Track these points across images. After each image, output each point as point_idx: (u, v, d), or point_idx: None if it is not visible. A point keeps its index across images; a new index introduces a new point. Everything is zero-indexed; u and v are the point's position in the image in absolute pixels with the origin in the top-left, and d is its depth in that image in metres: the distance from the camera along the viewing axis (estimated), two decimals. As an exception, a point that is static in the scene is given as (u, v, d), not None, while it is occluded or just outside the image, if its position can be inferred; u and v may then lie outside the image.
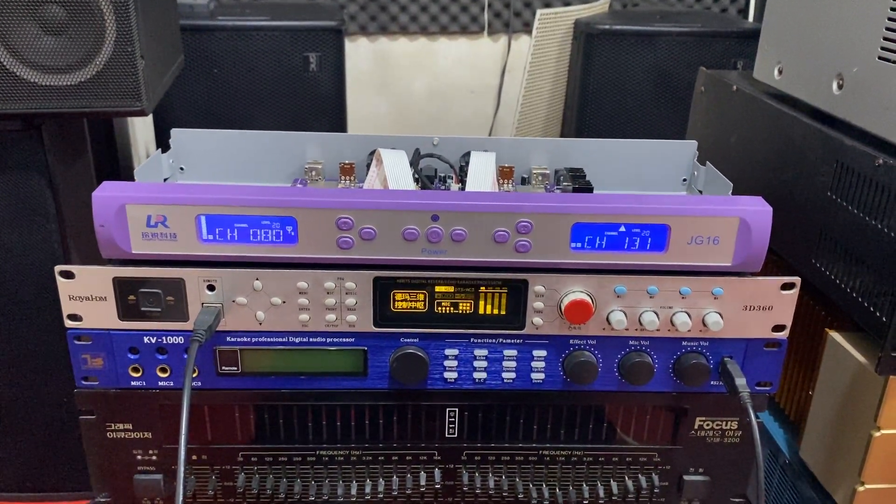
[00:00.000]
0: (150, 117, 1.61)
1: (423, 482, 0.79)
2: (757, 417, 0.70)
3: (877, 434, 0.76)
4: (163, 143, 1.55)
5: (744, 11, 2.08)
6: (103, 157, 1.39)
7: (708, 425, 0.78)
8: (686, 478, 0.80)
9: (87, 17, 0.88)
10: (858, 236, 0.76)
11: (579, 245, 0.70)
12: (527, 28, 2.00)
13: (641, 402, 0.78)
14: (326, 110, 1.59)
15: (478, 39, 2.04)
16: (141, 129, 1.76)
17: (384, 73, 2.03)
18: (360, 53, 2.00)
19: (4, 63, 0.88)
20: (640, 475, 0.80)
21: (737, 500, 0.82)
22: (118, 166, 1.44)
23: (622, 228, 0.69)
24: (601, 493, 0.80)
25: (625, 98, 1.65)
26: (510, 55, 2.02)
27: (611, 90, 1.65)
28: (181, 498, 0.62)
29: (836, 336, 0.82)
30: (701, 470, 0.80)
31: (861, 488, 0.78)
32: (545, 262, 0.71)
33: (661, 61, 1.62)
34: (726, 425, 0.78)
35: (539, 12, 1.69)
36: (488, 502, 0.81)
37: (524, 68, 1.74)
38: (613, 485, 0.80)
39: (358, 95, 2.00)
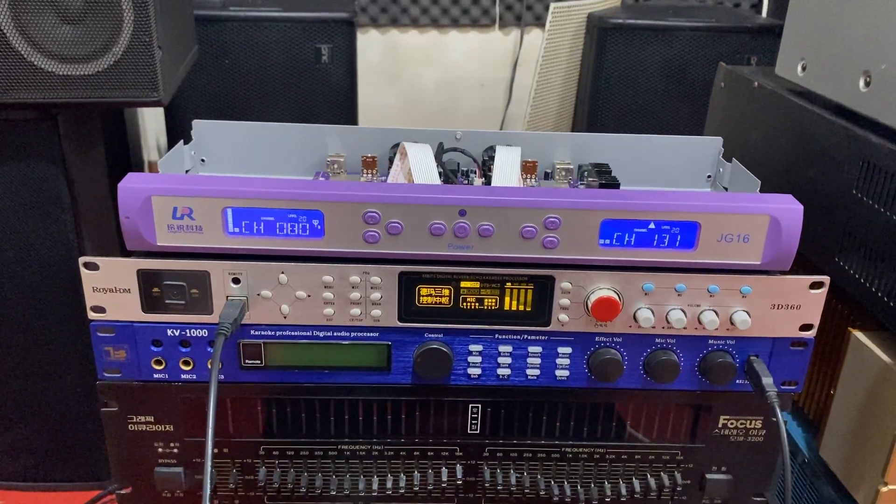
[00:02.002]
0: (161, 109, 1.60)
1: (444, 478, 0.79)
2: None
3: (901, 434, 0.75)
4: (173, 134, 1.54)
5: (757, 7, 2.07)
6: (114, 148, 1.38)
7: (732, 424, 0.78)
8: (708, 476, 0.80)
9: (105, 7, 0.87)
10: (884, 234, 0.75)
11: (608, 242, 0.69)
12: (538, 21, 1.99)
13: (666, 401, 0.77)
14: (337, 102, 1.58)
15: (489, 32, 2.03)
16: (151, 121, 1.76)
17: (394, 66, 2.02)
18: (370, 45, 1.99)
19: (22, 52, 0.87)
20: (662, 473, 0.80)
21: (758, 499, 0.82)
22: (129, 158, 1.43)
23: (651, 225, 0.69)
24: (623, 491, 0.80)
25: (637, 93, 1.64)
26: (522, 49, 2.01)
27: (623, 85, 1.64)
28: (208, 492, 0.61)
29: (859, 335, 0.82)
30: (723, 469, 0.80)
31: (884, 489, 0.78)
32: (573, 258, 0.70)
33: (675, 56, 1.62)
34: (750, 424, 0.78)
35: (552, 6, 1.68)
36: (510, 499, 0.81)
37: (536, 62, 1.73)
38: (635, 482, 0.80)
39: (368, 87, 1.99)
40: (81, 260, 0.69)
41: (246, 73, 1.53)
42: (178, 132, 0.86)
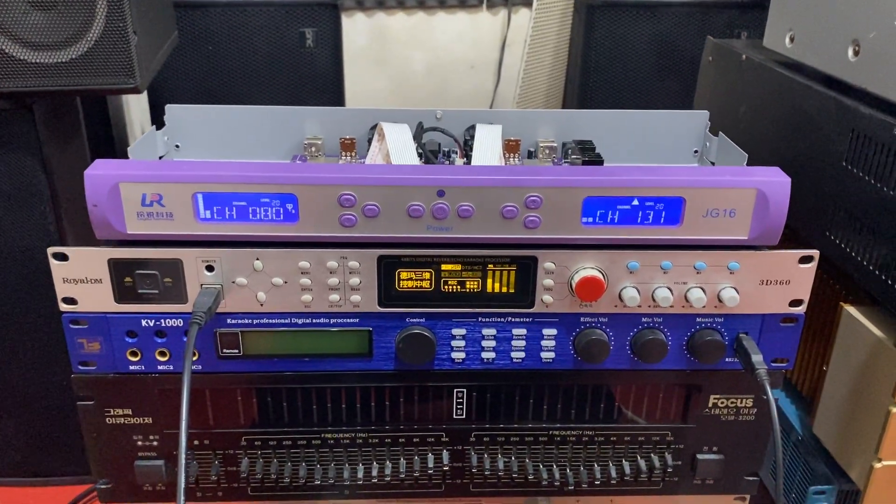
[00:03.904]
0: (146, 96, 1.58)
1: (430, 464, 0.77)
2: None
3: (895, 409, 0.74)
4: (158, 123, 1.52)
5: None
6: (98, 137, 1.36)
7: (722, 403, 0.76)
8: (700, 457, 0.78)
9: (78, -9, 0.85)
10: (875, 207, 0.74)
11: (591, 220, 0.68)
12: (526, 1, 1.96)
13: (654, 381, 0.76)
14: (324, 87, 1.56)
15: (477, 14, 2.00)
16: (136, 109, 1.73)
17: (382, 49, 1.99)
18: (357, 29, 1.96)
19: (-7, 40, 0.85)
20: (652, 455, 0.79)
21: (750, 478, 0.80)
22: (114, 146, 1.42)
23: (635, 202, 0.67)
24: (613, 474, 0.79)
25: (627, 70, 1.62)
26: (510, 29, 1.98)
27: (613, 62, 1.62)
28: (182, 484, 0.60)
29: (851, 310, 0.80)
30: (715, 448, 0.78)
31: (878, 465, 0.77)
32: (555, 237, 0.68)
33: (664, 33, 1.59)
34: (741, 403, 0.76)
35: (540, -16, 1.65)
36: (497, 484, 0.79)
37: (525, 42, 1.71)
38: (625, 465, 0.79)
39: (356, 71, 1.97)
40: (50, 250, 0.67)
41: (230, 60, 1.51)
42: (162, 121, 0.84)
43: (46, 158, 0.97)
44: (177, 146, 0.87)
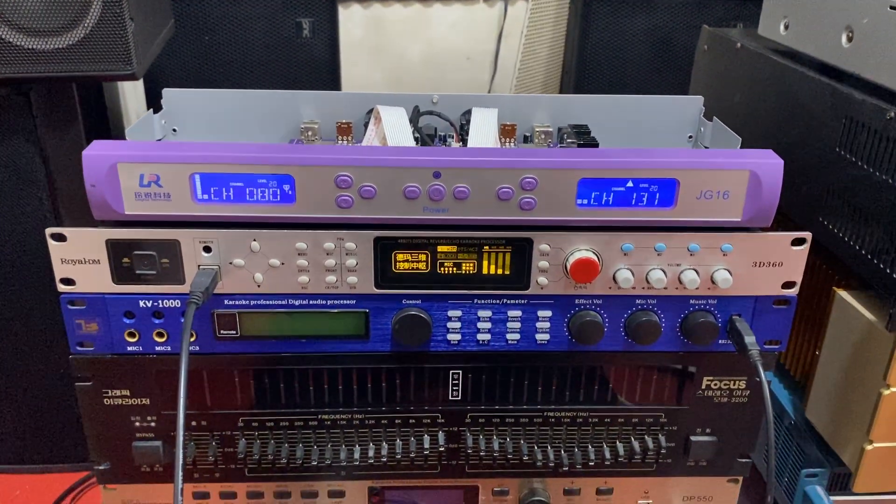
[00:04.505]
0: (142, 85, 1.57)
1: (426, 445, 0.78)
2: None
3: (886, 392, 0.75)
4: (155, 109, 1.52)
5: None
6: (94, 124, 1.36)
7: (715, 385, 0.77)
8: (693, 438, 0.79)
9: (74, -23, 0.85)
10: (868, 192, 0.74)
11: (585, 202, 0.68)
12: (523, -8, 1.96)
13: (648, 363, 0.76)
14: (320, 77, 1.56)
15: (473, 5, 2.00)
16: (132, 98, 1.73)
17: (378, 40, 1.99)
18: (353, 20, 1.96)
19: (-13, 25, 0.85)
20: (646, 436, 0.79)
21: (743, 460, 0.81)
22: (109, 133, 1.41)
23: (629, 184, 0.67)
24: (607, 455, 0.79)
25: (623, 62, 1.62)
26: (506, 20, 1.98)
27: (609, 54, 1.62)
28: (181, 464, 0.60)
29: (844, 294, 0.81)
30: (708, 430, 0.79)
31: (869, 447, 0.77)
32: (550, 219, 0.69)
33: (660, 25, 1.60)
34: (734, 385, 0.77)
35: (536, -25, 1.65)
36: (493, 465, 0.80)
37: (521, 34, 1.71)
38: (619, 446, 0.79)
39: (352, 62, 1.97)
40: (48, 231, 0.67)
41: (226, 49, 1.50)
42: (158, 110, 0.85)
43: (43, 145, 0.97)
44: (174, 130, 0.88)
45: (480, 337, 0.74)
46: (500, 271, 0.71)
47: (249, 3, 1.48)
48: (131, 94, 1.70)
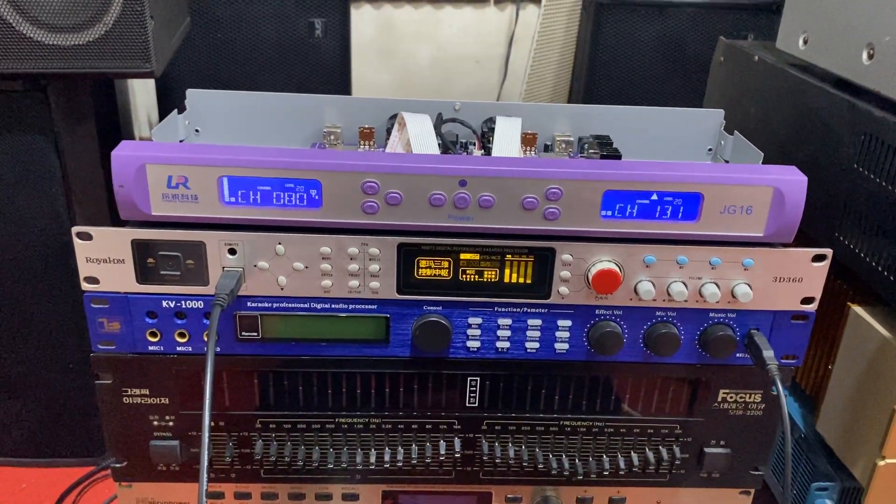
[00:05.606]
0: (152, 82, 1.58)
1: (442, 451, 0.78)
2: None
3: (900, 408, 0.75)
4: (165, 109, 1.52)
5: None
6: (104, 121, 1.36)
7: (731, 398, 0.77)
8: (707, 450, 0.79)
9: (95, -26, 0.86)
10: (885, 209, 0.75)
11: (609, 213, 0.69)
12: (533, -3, 1.97)
13: (665, 374, 0.77)
14: (331, 77, 1.56)
15: (484, 8, 2.00)
16: (141, 94, 1.73)
17: (388, 42, 2.00)
18: (364, 21, 1.97)
19: (10, 21, 0.85)
20: (660, 447, 0.80)
21: (756, 472, 0.81)
22: (119, 131, 1.42)
23: (654, 197, 0.68)
24: (621, 465, 0.80)
25: (634, 69, 1.63)
26: (517, 25, 1.99)
27: (620, 61, 1.63)
28: (205, 466, 0.61)
29: (858, 310, 0.81)
30: (722, 442, 0.80)
31: (882, 462, 0.78)
32: (574, 230, 0.69)
33: (672, 33, 1.60)
34: (749, 398, 0.77)
35: (549, -19, 1.66)
36: (508, 472, 0.80)
37: (532, 38, 1.71)
38: (634, 456, 0.80)
39: (362, 65, 1.97)
40: (75, 230, 0.67)
41: (238, 48, 1.51)
42: (169, 108, 0.85)
43: (58, 140, 0.98)
44: (196, 130, 0.88)
45: (499, 345, 0.74)
46: (521, 280, 0.71)
47: (262, 2, 1.48)
48: (141, 90, 1.70)
